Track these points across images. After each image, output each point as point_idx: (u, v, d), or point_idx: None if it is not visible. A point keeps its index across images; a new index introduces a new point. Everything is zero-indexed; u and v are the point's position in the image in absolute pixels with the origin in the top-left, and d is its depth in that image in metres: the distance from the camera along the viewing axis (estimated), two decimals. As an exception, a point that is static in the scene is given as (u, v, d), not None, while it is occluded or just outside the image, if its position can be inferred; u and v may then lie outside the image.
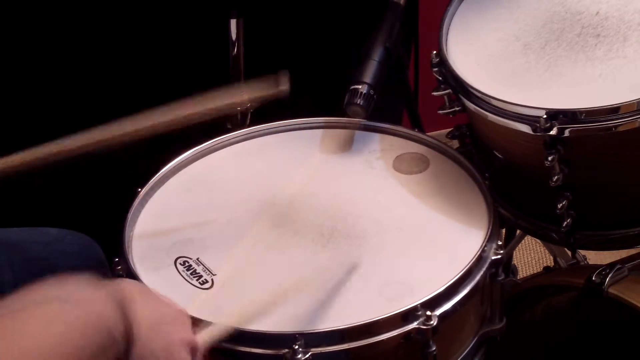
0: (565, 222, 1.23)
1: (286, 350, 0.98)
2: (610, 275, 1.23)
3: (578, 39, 1.25)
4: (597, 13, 1.27)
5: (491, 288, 1.13)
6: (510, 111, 1.18)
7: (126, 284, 0.93)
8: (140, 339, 0.84)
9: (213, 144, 1.35)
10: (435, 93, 1.30)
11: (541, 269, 2.11)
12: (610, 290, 1.22)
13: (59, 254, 1.31)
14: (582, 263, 1.76)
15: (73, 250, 1.33)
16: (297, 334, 0.99)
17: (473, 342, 1.14)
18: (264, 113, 1.38)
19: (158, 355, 0.87)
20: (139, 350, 0.84)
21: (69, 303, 0.82)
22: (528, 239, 2.14)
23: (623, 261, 1.28)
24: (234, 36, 1.52)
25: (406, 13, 1.42)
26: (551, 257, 1.86)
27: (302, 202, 1.23)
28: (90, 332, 0.81)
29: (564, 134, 1.13)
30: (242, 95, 1.27)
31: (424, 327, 1.01)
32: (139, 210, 1.23)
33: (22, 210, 1.66)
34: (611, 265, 1.25)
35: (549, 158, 1.16)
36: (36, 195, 1.70)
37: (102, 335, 0.81)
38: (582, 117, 1.13)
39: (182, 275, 1.11)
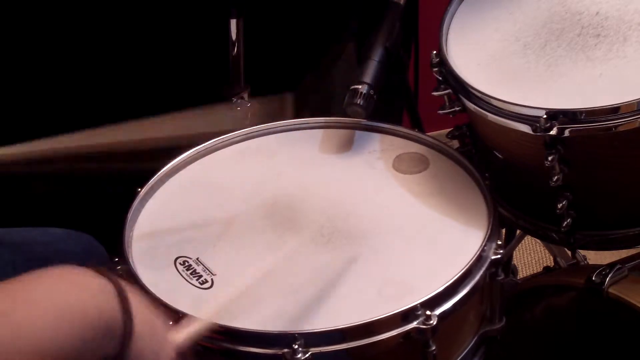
0: (565, 222, 1.23)
1: (286, 349, 0.98)
2: (610, 275, 1.23)
3: (578, 39, 1.25)
4: (597, 13, 1.27)
5: (491, 288, 1.13)
6: (510, 111, 1.18)
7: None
8: (136, 338, 0.83)
9: (213, 144, 1.35)
10: (435, 93, 1.30)
11: (541, 269, 2.11)
12: (610, 290, 1.22)
13: (61, 254, 1.31)
14: (582, 263, 1.76)
15: (76, 250, 1.33)
16: (296, 333, 0.99)
17: (473, 341, 1.14)
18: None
19: (150, 357, 0.86)
20: (134, 350, 0.83)
21: (69, 293, 0.80)
22: (528, 239, 2.14)
23: (623, 261, 1.28)
24: (234, 36, 1.53)
25: (406, 13, 1.42)
26: (551, 257, 1.86)
27: (302, 202, 1.23)
28: (87, 322, 0.79)
29: (564, 134, 1.13)
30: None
31: (424, 326, 1.01)
32: (139, 210, 1.23)
33: (24, 210, 1.66)
34: (611, 265, 1.25)
35: (549, 158, 1.16)
36: (38, 195, 1.70)
37: (98, 328, 0.80)
38: (582, 117, 1.13)
39: (182, 275, 1.11)
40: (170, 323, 0.96)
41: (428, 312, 1.01)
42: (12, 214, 1.47)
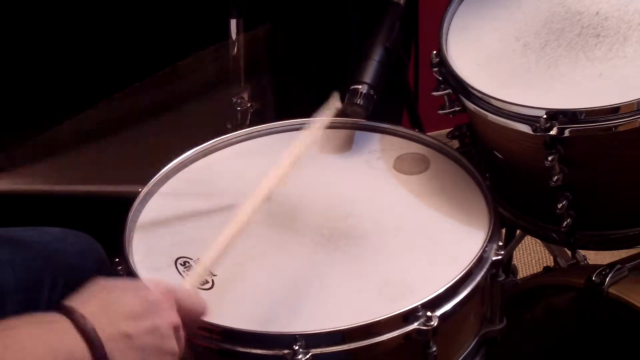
0: (565, 222, 1.23)
1: (287, 350, 0.98)
2: (610, 275, 1.23)
3: (578, 39, 1.25)
4: (597, 13, 1.27)
5: (491, 288, 1.13)
6: (510, 111, 1.18)
7: (86, 298, 0.89)
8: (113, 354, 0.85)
9: (213, 144, 1.35)
10: (435, 93, 1.30)
11: (541, 269, 2.11)
12: (610, 290, 1.22)
13: (60, 254, 1.31)
14: (582, 263, 1.76)
15: (74, 250, 1.33)
16: (297, 334, 0.99)
17: (473, 342, 1.14)
18: (264, 113, 1.38)
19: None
20: None
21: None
22: (528, 239, 2.14)
23: (623, 261, 1.28)
24: (234, 36, 1.53)
25: (406, 13, 1.42)
26: (551, 257, 1.86)
27: (303, 202, 1.23)
28: None
29: (564, 134, 1.13)
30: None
31: (425, 327, 1.01)
32: (139, 211, 1.23)
33: (23, 209, 1.66)
34: (611, 265, 1.25)
35: (549, 158, 1.16)
36: (38, 195, 1.70)
37: None
38: (582, 117, 1.13)
39: (182, 276, 1.11)
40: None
41: (429, 313, 1.01)
42: (11, 213, 1.47)
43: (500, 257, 1.11)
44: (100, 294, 0.90)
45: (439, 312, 1.02)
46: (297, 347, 0.98)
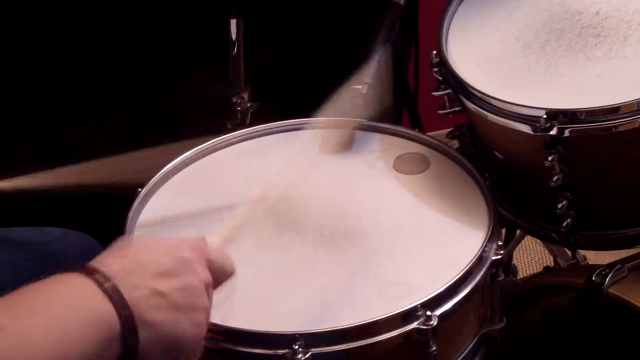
0: (565, 222, 1.23)
1: (286, 350, 0.98)
2: (610, 275, 1.23)
3: (578, 39, 1.25)
4: (597, 13, 1.27)
5: (491, 288, 1.13)
6: (510, 111, 1.18)
7: (113, 259, 0.87)
8: (142, 317, 0.82)
9: (213, 144, 1.35)
10: (435, 93, 1.30)
11: (541, 269, 2.11)
12: (610, 290, 1.22)
13: (60, 254, 1.31)
14: (582, 263, 1.76)
15: (74, 250, 1.33)
16: (297, 334, 0.98)
17: (473, 342, 1.14)
18: (264, 113, 1.38)
19: (173, 321, 0.86)
20: (148, 326, 0.83)
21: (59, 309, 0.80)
22: (528, 239, 2.14)
23: (623, 261, 1.28)
24: (234, 36, 1.53)
25: (406, 13, 1.42)
26: (551, 257, 1.86)
27: (302, 203, 1.23)
28: (89, 331, 0.80)
29: (564, 134, 1.13)
30: None
31: (424, 327, 1.01)
32: (139, 211, 1.23)
33: (23, 209, 1.66)
34: (611, 265, 1.25)
35: (549, 158, 1.16)
36: (37, 195, 1.70)
37: (102, 332, 0.80)
38: (582, 117, 1.13)
39: (182, 275, 1.11)
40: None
41: (428, 313, 1.01)
42: (11, 213, 1.47)
43: (499, 256, 1.11)
44: (129, 253, 0.88)
45: (438, 312, 1.02)
46: (296, 347, 0.98)
